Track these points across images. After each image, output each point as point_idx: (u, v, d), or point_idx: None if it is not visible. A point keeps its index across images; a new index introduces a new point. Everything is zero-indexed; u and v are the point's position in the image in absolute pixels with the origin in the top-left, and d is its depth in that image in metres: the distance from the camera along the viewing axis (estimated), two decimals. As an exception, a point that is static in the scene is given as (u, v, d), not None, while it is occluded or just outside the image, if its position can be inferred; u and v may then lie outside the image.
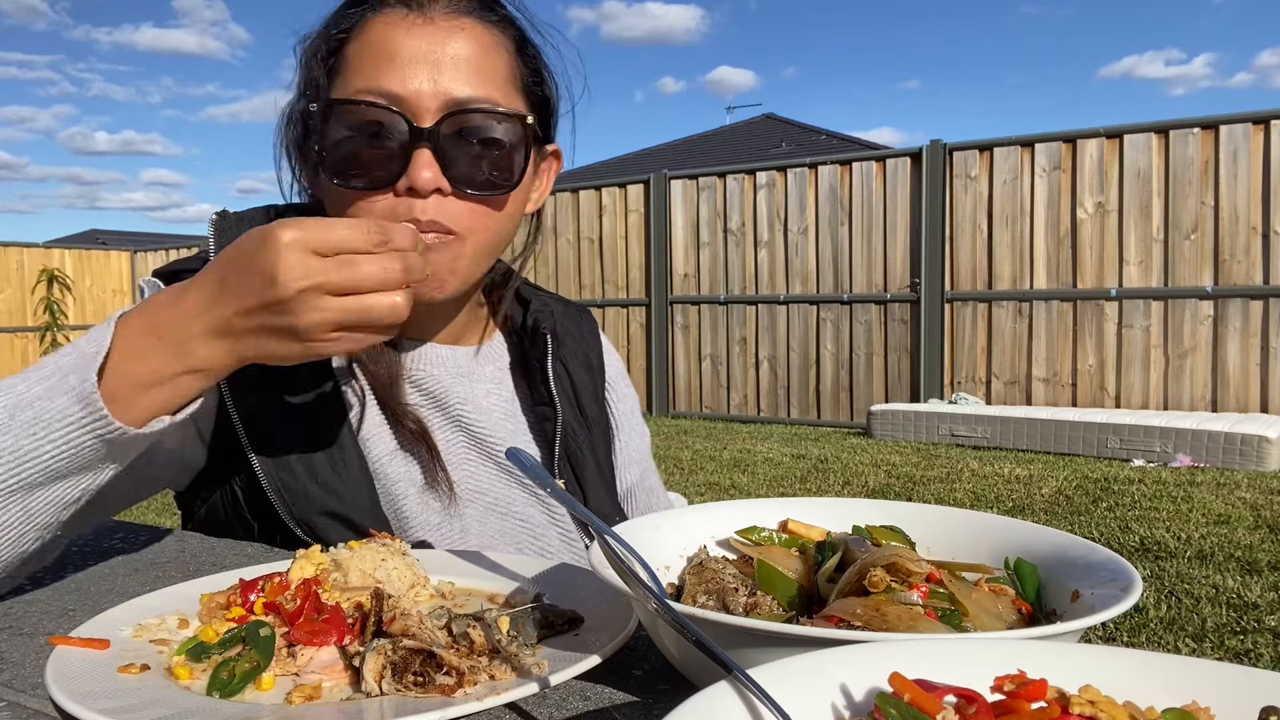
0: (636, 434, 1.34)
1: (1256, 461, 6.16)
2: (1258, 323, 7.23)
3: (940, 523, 0.78)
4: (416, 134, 0.93)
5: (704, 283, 9.74)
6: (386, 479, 1.05)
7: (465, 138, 0.96)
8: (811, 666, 0.46)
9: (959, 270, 8.38)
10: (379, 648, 0.61)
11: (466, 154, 0.96)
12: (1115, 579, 0.61)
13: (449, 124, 0.95)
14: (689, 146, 22.87)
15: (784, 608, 0.69)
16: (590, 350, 1.27)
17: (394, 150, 0.94)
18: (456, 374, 1.14)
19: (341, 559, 0.74)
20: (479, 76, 0.96)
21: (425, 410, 1.11)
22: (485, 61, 0.98)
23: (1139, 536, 4.40)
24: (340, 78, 0.99)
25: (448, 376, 1.13)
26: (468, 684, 0.59)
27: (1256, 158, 7.17)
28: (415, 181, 0.93)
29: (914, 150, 8.50)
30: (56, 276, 12.40)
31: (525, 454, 0.80)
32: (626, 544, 0.66)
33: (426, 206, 0.95)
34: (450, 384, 1.12)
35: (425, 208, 0.95)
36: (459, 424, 1.12)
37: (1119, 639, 3.16)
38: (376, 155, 0.95)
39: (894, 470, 6.33)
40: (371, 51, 0.96)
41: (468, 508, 1.09)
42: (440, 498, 1.07)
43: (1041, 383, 8.04)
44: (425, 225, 0.95)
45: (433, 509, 1.07)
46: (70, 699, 0.56)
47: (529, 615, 0.69)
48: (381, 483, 1.04)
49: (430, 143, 0.94)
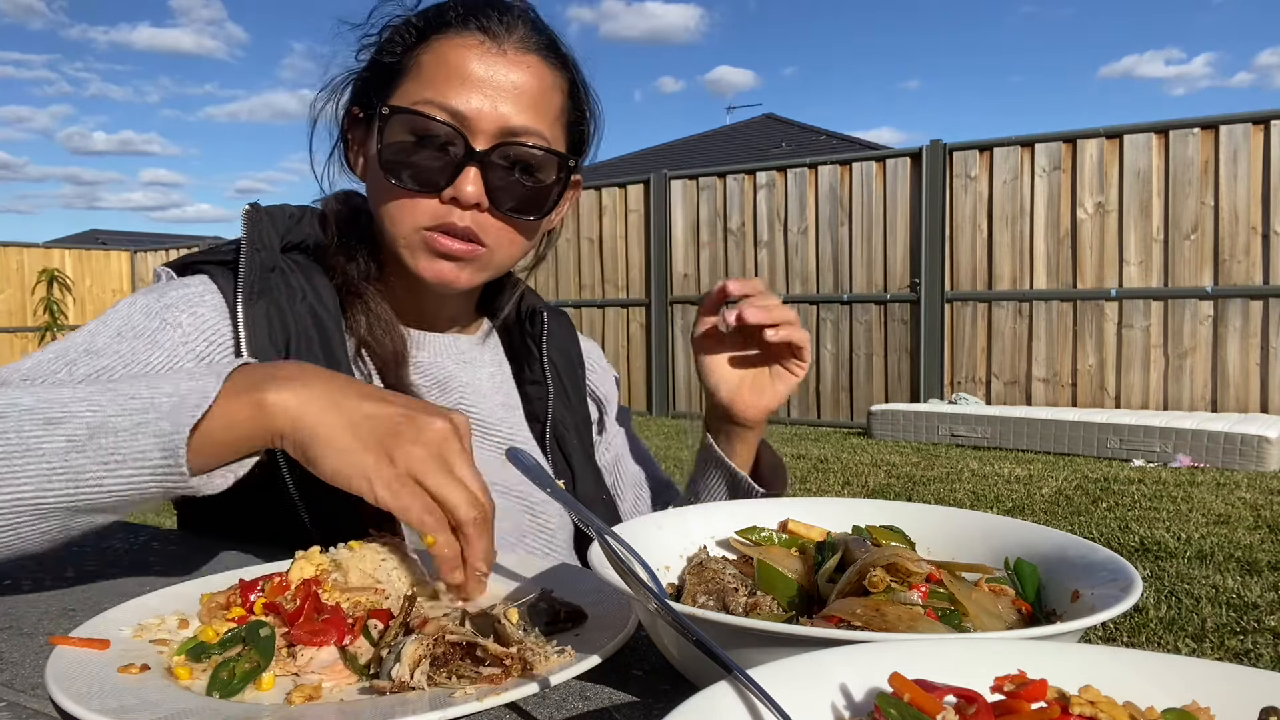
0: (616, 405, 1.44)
1: (1256, 461, 6.16)
2: (1258, 323, 7.23)
3: (940, 523, 0.78)
4: (470, 153, 1.02)
5: (704, 283, 9.74)
6: None
7: (512, 164, 1.04)
8: (811, 666, 0.46)
9: (959, 270, 8.38)
10: (421, 638, 0.60)
11: (510, 178, 1.05)
12: (1115, 579, 0.61)
13: (500, 150, 1.03)
14: (689, 146, 22.87)
15: (784, 608, 0.69)
16: (570, 345, 1.36)
17: (447, 162, 1.02)
18: (461, 361, 1.21)
19: (341, 559, 0.74)
20: (535, 109, 1.04)
21: (429, 395, 1.15)
22: (542, 98, 1.05)
23: (1139, 536, 4.40)
24: (409, 80, 1.05)
25: (452, 363, 1.19)
26: (513, 673, 0.59)
27: (1256, 158, 7.17)
28: (461, 194, 1.02)
29: (914, 150, 8.50)
30: (57, 277, 12.41)
31: (525, 454, 0.80)
32: (626, 544, 0.66)
33: (465, 216, 1.03)
34: (454, 370, 1.19)
35: (464, 216, 1.03)
36: (461, 407, 1.16)
37: (1119, 639, 3.16)
38: (431, 163, 1.03)
39: (894, 470, 6.33)
40: (445, 67, 1.03)
41: None
42: None
43: (1041, 383, 8.05)
44: (460, 232, 1.04)
45: None
46: (70, 699, 0.56)
47: (538, 607, 0.69)
48: None
49: (480, 162, 1.02)
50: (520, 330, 1.30)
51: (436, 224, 1.03)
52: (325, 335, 1.06)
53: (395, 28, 1.09)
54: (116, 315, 1.01)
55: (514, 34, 1.05)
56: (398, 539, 0.79)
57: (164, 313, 1.00)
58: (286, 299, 1.06)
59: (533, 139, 1.04)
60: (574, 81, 1.12)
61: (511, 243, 1.09)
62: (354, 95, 1.12)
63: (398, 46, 1.07)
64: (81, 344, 0.97)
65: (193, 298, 1.03)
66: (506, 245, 1.09)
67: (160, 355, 0.98)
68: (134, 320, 1.00)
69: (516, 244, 1.10)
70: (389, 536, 0.79)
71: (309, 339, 1.05)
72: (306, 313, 1.06)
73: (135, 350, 0.97)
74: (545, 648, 0.62)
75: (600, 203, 10.29)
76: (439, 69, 1.03)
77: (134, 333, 0.98)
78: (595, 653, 0.62)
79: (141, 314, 1.00)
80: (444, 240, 1.04)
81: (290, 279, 1.08)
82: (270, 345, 1.02)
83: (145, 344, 0.98)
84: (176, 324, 1.00)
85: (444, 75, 1.03)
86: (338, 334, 1.08)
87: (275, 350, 1.02)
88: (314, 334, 1.06)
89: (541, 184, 1.07)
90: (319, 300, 1.08)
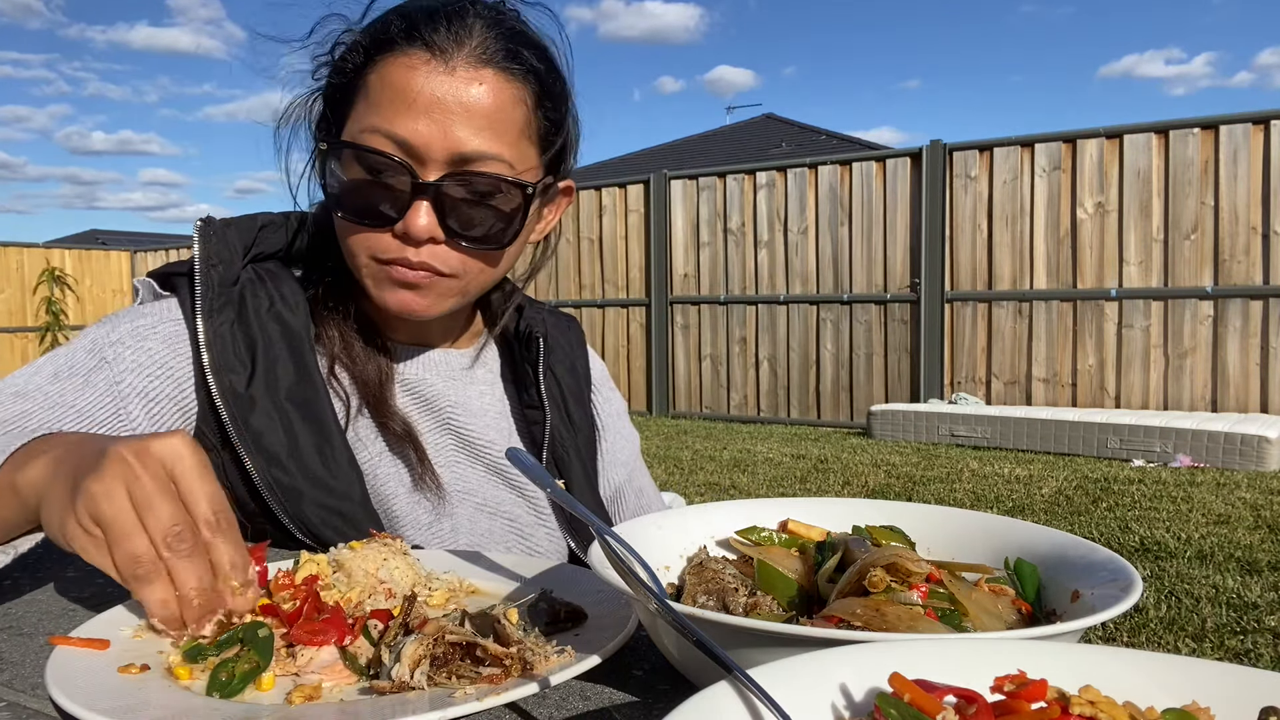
0: (623, 437, 1.36)
1: (1256, 461, 6.16)
2: (1258, 323, 7.23)
3: (940, 523, 0.78)
4: (419, 186, 0.95)
5: (704, 283, 9.74)
6: (376, 479, 1.06)
7: (467, 193, 0.97)
8: (811, 666, 0.46)
9: (959, 270, 8.37)
10: (421, 638, 0.60)
11: (466, 208, 0.98)
12: (1115, 579, 0.61)
13: (452, 179, 0.95)
14: (689, 146, 22.86)
15: (784, 608, 0.69)
16: (577, 358, 1.29)
17: (396, 196, 0.96)
18: (449, 378, 1.16)
19: (343, 559, 0.75)
20: (492, 130, 0.96)
21: (415, 413, 1.12)
22: (500, 116, 0.97)
23: (1139, 536, 4.40)
24: (359, 103, 0.98)
25: (440, 380, 1.15)
26: (513, 673, 0.59)
27: (1256, 158, 7.17)
28: (411, 229, 0.95)
29: (914, 150, 8.50)
30: (58, 276, 12.40)
31: (525, 455, 0.80)
32: (626, 544, 0.66)
33: (420, 251, 0.98)
34: (443, 388, 1.14)
35: (419, 252, 0.98)
36: (449, 426, 1.13)
37: (1119, 639, 3.16)
38: (380, 197, 0.97)
39: (894, 470, 6.33)
40: (390, 90, 0.95)
41: (457, 508, 1.11)
42: (429, 498, 1.09)
43: (1041, 383, 8.04)
44: (416, 266, 0.98)
45: (423, 508, 1.08)
46: (70, 699, 0.56)
47: (538, 607, 0.69)
48: (371, 483, 1.05)
49: (431, 195, 0.95)
50: (525, 345, 1.22)
51: (391, 258, 0.98)
52: (295, 344, 1.04)
53: (344, 45, 1.02)
54: (68, 349, 1.02)
55: (464, 47, 0.95)
56: (399, 539, 0.80)
57: (106, 350, 1.00)
58: (253, 311, 1.04)
59: (490, 164, 0.96)
60: (544, 88, 1.02)
61: (481, 270, 1.03)
62: (319, 115, 1.07)
63: (348, 65, 1.00)
64: (17, 384, 0.97)
65: (143, 331, 1.02)
66: (475, 273, 1.03)
67: (91, 396, 0.97)
68: (75, 359, 1.00)
69: (487, 272, 1.04)
70: (390, 536, 0.79)
71: (277, 349, 1.03)
72: (274, 321, 1.04)
73: (64, 392, 0.96)
74: (545, 648, 0.62)
75: (600, 203, 10.29)
76: (384, 92, 0.96)
77: (70, 372, 0.98)
78: (595, 653, 0.62)
79: (85, 351, 1.00)
80: (403, 271, 0.99)
81: (258, 289, 1.06)
82: (236, 360, 1.01)
83: (77, 384, 0.97)
84: (117, 360, 0.99)
85: (389, 99, 0.95)
86: (308, 342, 1.05)
87: (241, 364, 1.01)
88: (282, 344, 1.04)
89: (502, 211, 0.99)
90: (288, 308, 1.06)
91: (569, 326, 1.32)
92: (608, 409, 1.34)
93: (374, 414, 1.09)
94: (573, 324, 1.33)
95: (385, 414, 1.08)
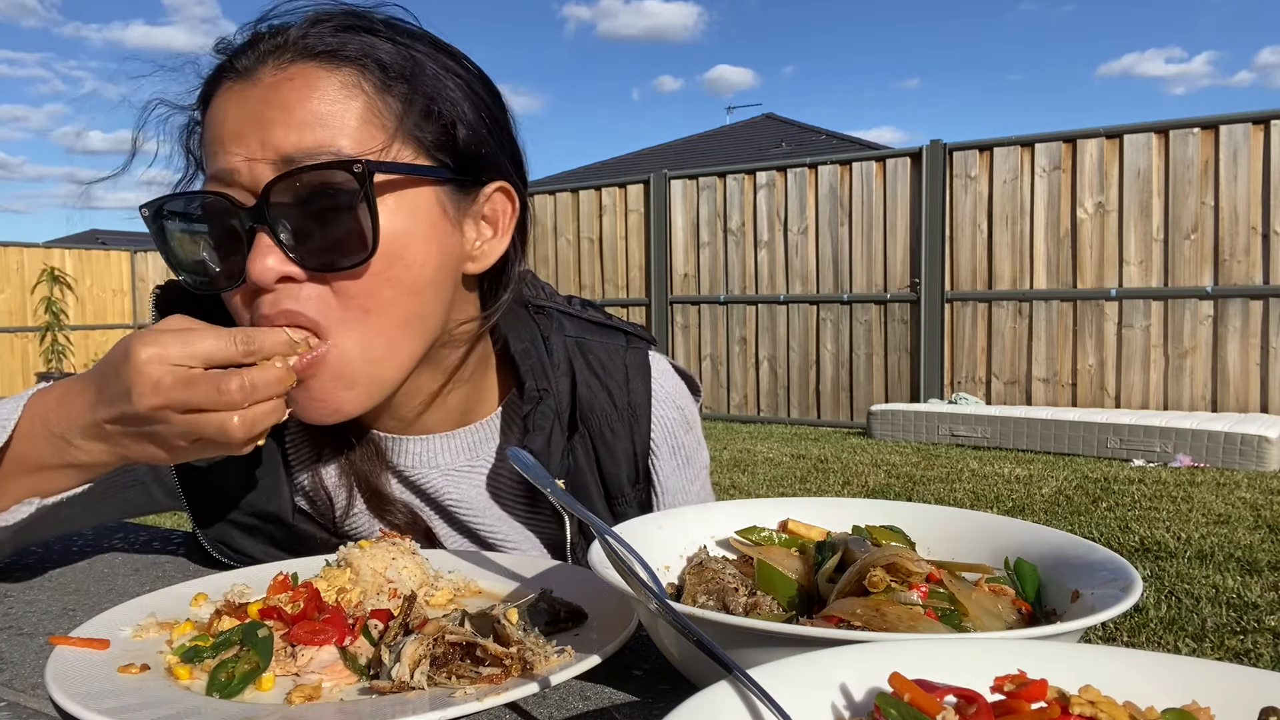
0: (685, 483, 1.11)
1: (1256, 461, 6.16)
2: (1258, 323, 7.23)
3: (940, 523, 0.78)
4: (246, 214, 0.78)
5: (704, 283, 9.74)
6: None
7: (303, 204, 0.78)
8: (811, 666, 0.46)
9: (959, 270, 8.37)
10: (421, 638, 0.60)
11: (310, 225, 0.78)
12: (1115, 579, 0.61)
13: (280, 190, 0.77)
14: (689, 146, 22.86)
15: (784, 608, 0.69)
16: (617, 420, 1.04)
17: (234, 240, 0.80)
18: (444, 472, 0.99)
19: (352, 558, 0.75)
20: (316, 120, 0.79)
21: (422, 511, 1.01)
22: (324, 107, 0.79)
23: (1139, 536, 4.40)
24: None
25: (436, 475, 0.99)
26: (513, 673, 0.59)
27: (1256, 158, 7.17)
28: (252, 273, 0.77)
29: (914, 150, 8.50)
30: (59, 276, 12.40)
31: (525, 455, 0.80)
32: (626, 544, 0.66)
33: (277, 299, 0.79)
34: (440, 483, 0.99)
35: (274, 300, 0.79)
36: (453, 519, 1.01)
37: (1119, 639, 3.16)
38: (218, 250, 0.82)
39: (894, 470, 6.33)
40: (209, 135, 0.83)
41: None
42: None
43: (1041, 383, 8.04)
44: (278, 318, 0.79)
45: None
46: (70, 699, 0.56)
47: (538, 607, 0.69)
48: None
49: (265, 222, 0.78)
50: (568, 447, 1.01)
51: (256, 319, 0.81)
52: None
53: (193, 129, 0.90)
54: None
55: (269, 59, 0.81)
56: (407, 538, 0.80)
57: None
58: None
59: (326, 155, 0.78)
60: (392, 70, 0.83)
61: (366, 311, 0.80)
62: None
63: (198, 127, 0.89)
64: None
65: None
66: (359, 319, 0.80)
67: None
68: None
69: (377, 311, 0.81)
70: (398, 536, 0.80)
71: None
72: None
73: None
74: (545, 648, 0.62)
75: (600, 202, 10.28)
76: (207, 140, 0.84)
77: None
78: (595, 653, 0.62)
79: None
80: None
81: None
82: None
83: None
84: None
85: (209, 143, 0.83)
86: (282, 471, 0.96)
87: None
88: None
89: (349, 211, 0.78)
90: None
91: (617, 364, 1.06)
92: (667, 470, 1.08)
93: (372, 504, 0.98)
94: (633, 353, 1.07)
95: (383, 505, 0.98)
